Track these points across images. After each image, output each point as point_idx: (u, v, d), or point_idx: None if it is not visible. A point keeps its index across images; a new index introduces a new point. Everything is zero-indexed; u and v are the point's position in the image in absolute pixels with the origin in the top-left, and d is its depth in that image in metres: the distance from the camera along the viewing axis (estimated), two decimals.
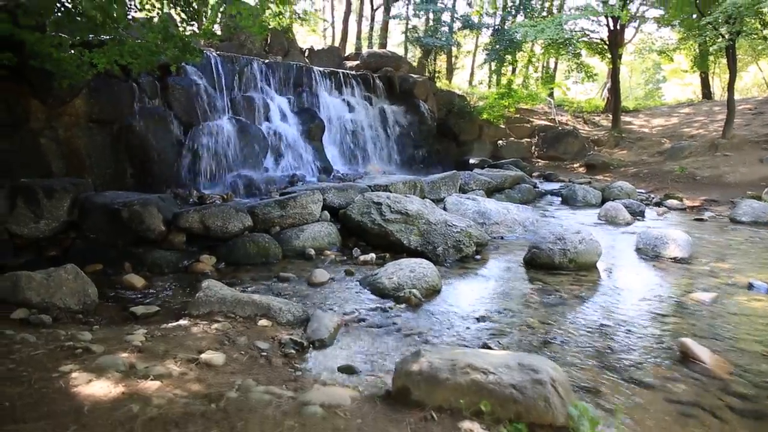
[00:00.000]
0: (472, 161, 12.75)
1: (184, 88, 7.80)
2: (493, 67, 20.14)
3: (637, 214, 7.69)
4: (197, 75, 8.19)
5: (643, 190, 10.10)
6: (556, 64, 23.06)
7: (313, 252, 5.04)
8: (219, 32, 6.54)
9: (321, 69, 11.14)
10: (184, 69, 7.94)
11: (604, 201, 8.46)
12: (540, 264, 4.75)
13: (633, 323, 3.47)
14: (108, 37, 5.11)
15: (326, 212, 5.76)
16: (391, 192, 6.23)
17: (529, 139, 15.76)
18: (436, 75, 18.80)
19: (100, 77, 6.39)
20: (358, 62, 14.69)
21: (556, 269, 4.66)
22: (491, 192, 8.43)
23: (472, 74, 24.25)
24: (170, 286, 4.10)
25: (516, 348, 3.04)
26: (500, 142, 15.32)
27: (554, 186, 10.47)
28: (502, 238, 6.02)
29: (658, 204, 8.82)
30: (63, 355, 2.49)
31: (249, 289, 4.03)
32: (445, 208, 6.37)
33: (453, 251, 5.00)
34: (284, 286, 4.15)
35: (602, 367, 2.83)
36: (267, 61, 10.14)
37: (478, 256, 5.14)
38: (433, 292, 3.99)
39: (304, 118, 9.92)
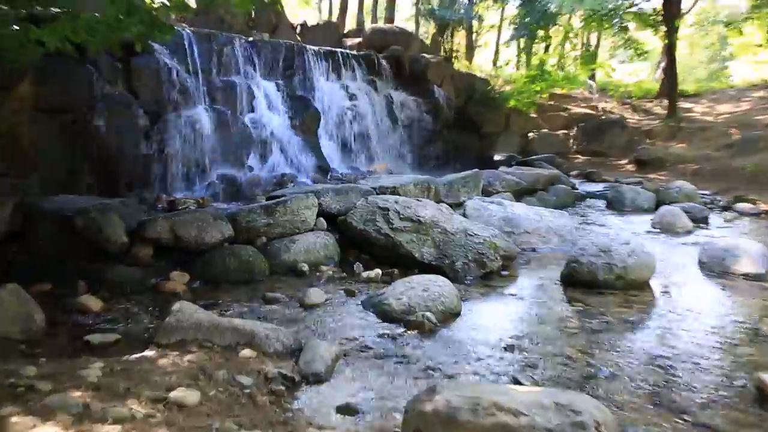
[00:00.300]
0: (497, 158, 12.77)
1: (152, 71, 7.85)
2: (522, 45, 20.21)
3: (700, 221, 7.64)
4: (167, 56, 8.25)
5: (706, 192, 10.05)
6: (598, 40, 23.12)
7: (306, 267, 5.04)
8: (193, 4, 6.58)
9: (316, 49, 11.20)
10: (151, 48, 7.99)
11: (658, 205, 8.41)
12: (580, 281, 4.72)
13: (697, 354, 3.43)
14: (59, 10, 5.15)
15: (322, 220, 5.76)
16: (399, 195, 6.22)
17: (565, 131, 15.76)
18: (454, 55, 18.84)
19: (49, 58, 6.36)
20: (360, 40, 14.77)
21: (600, 288, 4.63)
22: (520, 195, 8.42)
23: (496, 53, 24.34)
24: (134, 310, 4.10)
25: (552, 383, 3.01)
26: (531, 134, 15.34)
27: (597, 187, 10.45)
28: (534, 250, 6.01)
29: (725, 208, 8.77)
30: (1, 396, 2.48)
31: (229, 312, 4.02)
32: (464, 215, 6.36)
33: (475, 266, 4.98)
34: (272, 308, 4.14)
35: (659, 408, 2.79)
36: (251, 39, 10.20)
37: (505, 272, 5.12)
38: (450, 315, 3.97)
39: (296, 108, 9.96)
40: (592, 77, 19.55)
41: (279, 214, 5.36)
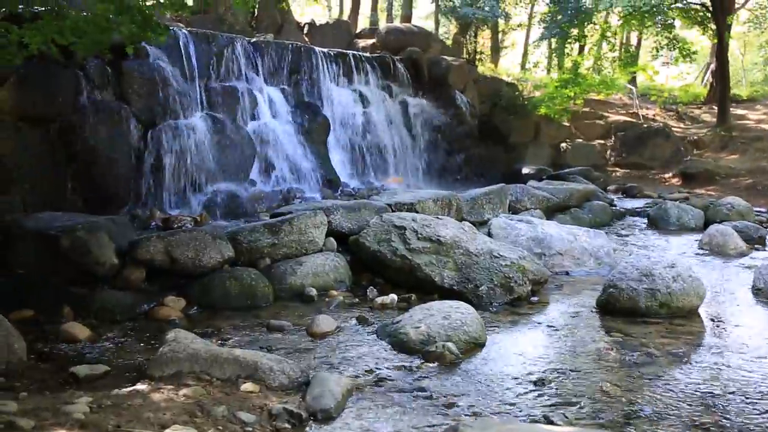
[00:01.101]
0: (525, 171, 12.74)
1: (145, 76, 7.97)
2: (553, 46, 20.24)
3: (755, 242, 7.58)
4: (162, 59, 8.37)
5: (762, 209, 9.97)
6: (639, 39, 23.13)
7: (314, 292, 5.06)
8: (191, 2, 6.71)
9: (325, 50, 11.31)
10: (144, 51, 8.11)
11: (707, 224, 8.35)
12: (619, 309, 4.71)
13: (753, 391, 3.40)
14: (43, 8, 5.24)
15: (332, 240, 5.81)
16: (417, 212, 6.24)
17: (602, 141, 15.74)
18: (478, 57, 18.96)
19: (33, 62, 6.47)
20: (374, 41, 14.89)
21: (641, 316, 4.61)
22: (552, 212, 8.40)
23: (525, 55, 24.44)
24: (124, 338, 4.14)
25: (588, 422, 3.00)
26: (564, 144, 15.32)
27: (637, 203, 10.41)
28: (567, 273, 6.00)
29: None
30: None
31: (229, 341, 4.05)
32: (490, 234, 6.36)
33: (501, 291, 4.98)
34: (276, 337, 4.16)
35: None
36: (254, 40, 10.33)
37: (534, 298, 5.12)
38: (474, 346, 3.97)
39: (303, 115, 10.06)
40: (633, 81, 19.53)
41: (284, 233, 5.40)
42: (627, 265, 4.96)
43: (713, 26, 16.12)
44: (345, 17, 19.55)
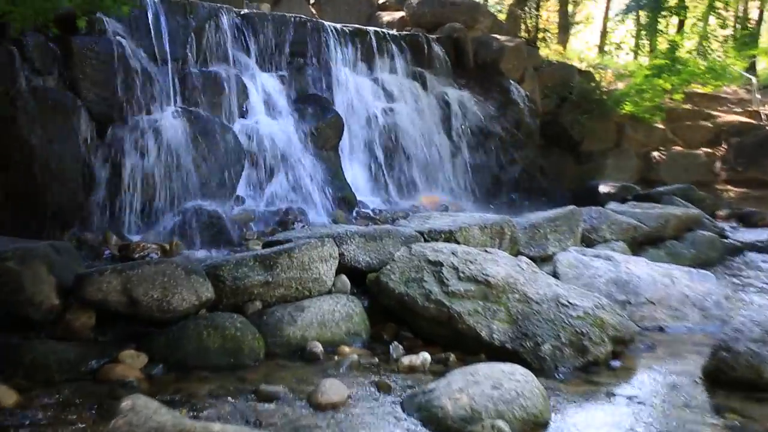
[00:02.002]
0: (604, 189, 12.65)
1: (101, 57, 8.06)
2: (642, 20, 20.19)
3: None
4: (123, 35, 8.48)
5: None
6: (761, 13, 22.94)
7: (319, 348, 5.03)
8: None
9: (338, 26, 11.41)
10: (101, 25, 8.21)
11: None
12: (734, 380, 4.60)
13: None
14: None
15: (344, 278, 5.78)
16: (459, 243, 6.21)
17: (709, 150, 15.62)
18: (541, 36, 18.98)
19: None
20: (402, 14, 14.99)
21: (765, 391, 4.51)
22: (640, 245, 8.33)
23: (603, 35, 24.44)
24: (64, 406, 4.13)
25: None
26: (656, 154, 15.24)
27: (759, 235, 10.26)
28: (661, 329, 5.92)
29: None
30: None
31: (206, 412, 4.02)
32: (555, 274, 6.30)
33: (570, 352, 4.91)
34: (268, 409, 4.13)
35: None
36: (245, 11, 10.42)
37: (616, 363, 5.04)
38: (533, 426, 3.91)
39: (308, 112, 10.11)
40: (752, 69, 19.38)
41: (281, 268, 5.38)
42: (745, 320, 4.87)
43: None
44: None
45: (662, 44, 17.94)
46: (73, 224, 7.49)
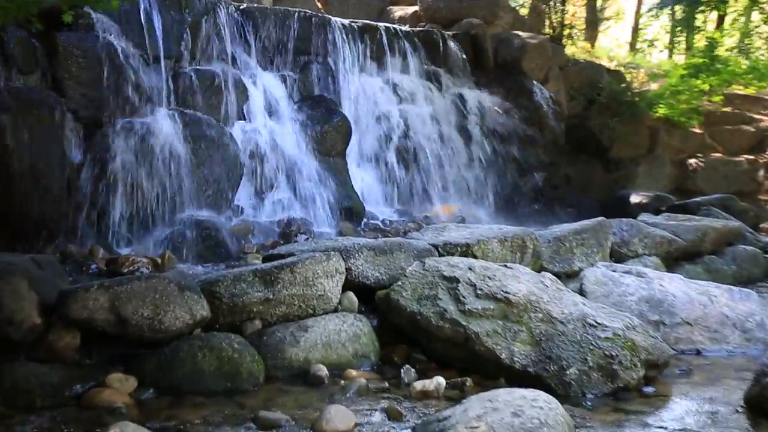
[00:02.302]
0: (635, 199, 12.62)
1: (88, 55, 8.08)
2: (678, 16, 20.16)
3: None
4: (113, 31, 8.49)
5: None
6: None
7: (324, 371, 5.02)
8: None
9: (346, 22, 11.43)
10: (88, 20, 8.23)
11: None
12: None
13: None
14: None
15: (351, 295, 5.77)
16: (476, 258, 6.20)
17: (752, 156, 15.55)
18: (567, 32, 18.94)
19: None
20: (415, 9, 15.00)
21: None
22: (675, 260, 8.28)
23: (636, 30, 24.42)
24: None
25: None
26: (693, 161, 15.19)
27: None
28: (698, 353, 5.87)
29: None
30: None
31: None
32: (582, 292, 6.28)
33: (599, 377, 4.88)
34: None
35: None
36: (244, 5, 10.44)
37: (649, 389, 5.00)
38: None
39: (313, 115, 10.11)
40: None
41: (283, 284, 5.37)
42: None
43: None
44: None
45: (700, 41, 17.90)
46: (56, 236, 7.46)
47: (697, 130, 15.61)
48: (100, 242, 7.57)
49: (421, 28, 13.00)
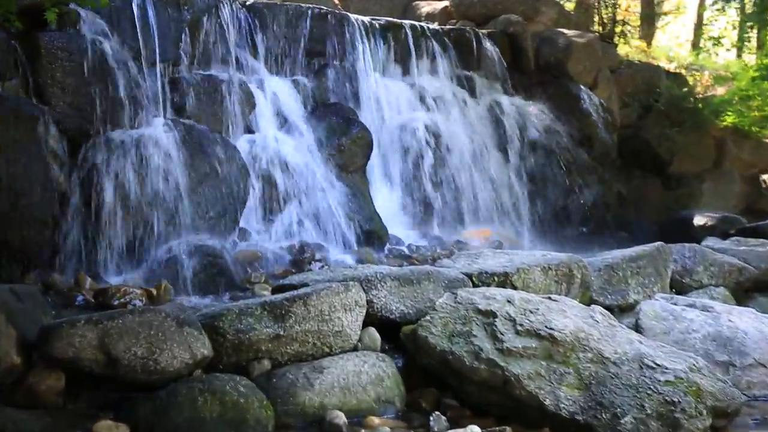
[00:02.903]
0: (699, 221, 12.57)
1: (74, 58, 8.14)
2: (747, 10, 20.09)
3: None
4: (102, 31, 8.56)
5: None
6: None
7: (342, 419, 5.00)
8: None
9: (366, 20, 11.50)
10: (74, 18, 8.29)
11: None
12: None
13: None
14: None
15: (373, 331, 5.77)
16: (516, 289, 6.20)
17: None
18: (619, 29, 18.93)
19: None
20: (445, 5, 15.03)
21: None
22: (746, 291, 8.24)
23: (698, 27, 24.33)
24: None
25: None
26: (766, 177, 15.10)
27: None
28: None
29: None
30: None
31: None
32: (638, 328, 6.26)
33: (658, 427, 4.84)
34: None
35: None
36: (251, 2, 10.48)
37: None
38: None
39: (329, 126, 10.14)
40: None
41: (295, 318, 5.37)
42: None
43: None
44: None
45: None
46: (38, 263, 7.50)
47: None
48: (87, 271, 7.58)
49: (451, 27, 13.04)
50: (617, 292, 7.12)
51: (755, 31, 20.09)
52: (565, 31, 14.15)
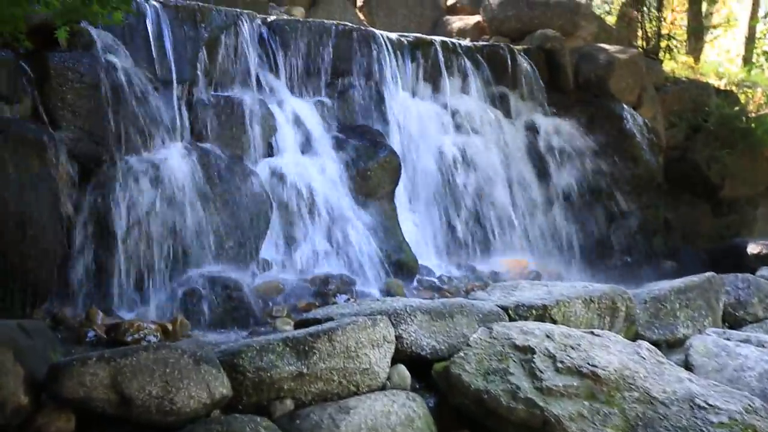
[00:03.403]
0: (753, 249, 12.48)
1: (86, 79, 8.17)
2: None
3: None
4: (115, 50, 8.62)
5: None
6: None
7: None
8: None
9: (393, 36, 11.53)
10: (86, 37, 8.35)
11: None
12: None
13: None
14: None
15: (403, 369, 5.75)
16: (555, 323, 6.18)
17: None
18: (664, 44, 18.88)
19: None
20: (478, 19, 15.06)
21: None
22: None
23: (750, 42, 24.21)
24: None
25: None
26: None
27: None
28: None
29: None
30: None
31: None
32: (688, 365, 6.22)
33: None
34: None
35: None
36: (272, 18, 10.56)
37: None
38: None
39: (355, 149, 10.16)
40: None
41: (319, 355, 5.36)
42: None
43: None
44: None
45: None
46: (46, 297, 7.51)
47: None
48: (99, 305, 7.59)
49: (485, 42, 13.05)
50: (665, 326, 7.09)
51: None
52: (606, 46, 14.13)
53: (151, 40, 8.83)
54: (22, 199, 7.43)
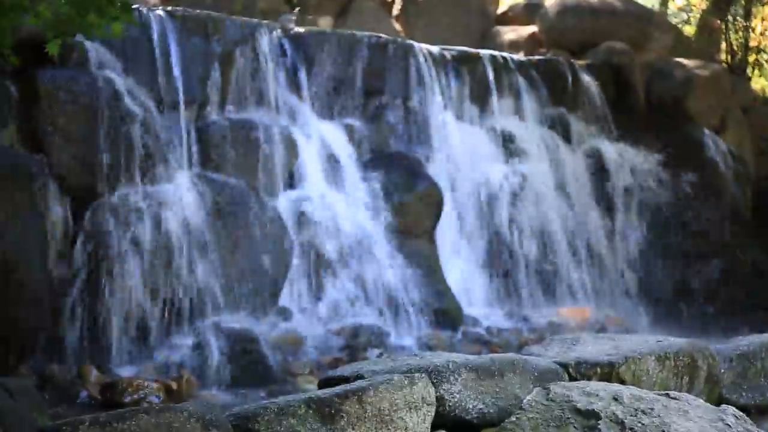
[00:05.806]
0: None
1: (80, 100, 8.27)
2: None
3: None
4: (113, 66, 8.69)
5: None
6: None
7: None
8: None
9: (435, 50, 11.58)
10: (81, 52, 8.42)
11: None
12: None
13: None
14: None
15: None
16: (625, 383, 6.17)
17: None
18: (752, 58, 18.80)
19: None
20: (533, 30, 15.06)
21: None
22: None
23: None
24: None
25: None
26: None
27: None
28: None
29: None
30: None
31: None
32: None
33: None
34: None
35: None
36: (294, 30, 10.59)
37: None
38: None
39: (390, 180, 10.18)
40: None
41: (348, 419, 5.34)
42: None
43: None
44: None
45: None
46: (33, 351, 7.53)
47: None
48: (92, 360, 7.61)
49: (541, 57, 13.07)
50: (754, 388, 7.05)
51: None
52: (684, 61, 14.10)
53: (156, 55, 8.87)
54: (6, 238, 7.42)
